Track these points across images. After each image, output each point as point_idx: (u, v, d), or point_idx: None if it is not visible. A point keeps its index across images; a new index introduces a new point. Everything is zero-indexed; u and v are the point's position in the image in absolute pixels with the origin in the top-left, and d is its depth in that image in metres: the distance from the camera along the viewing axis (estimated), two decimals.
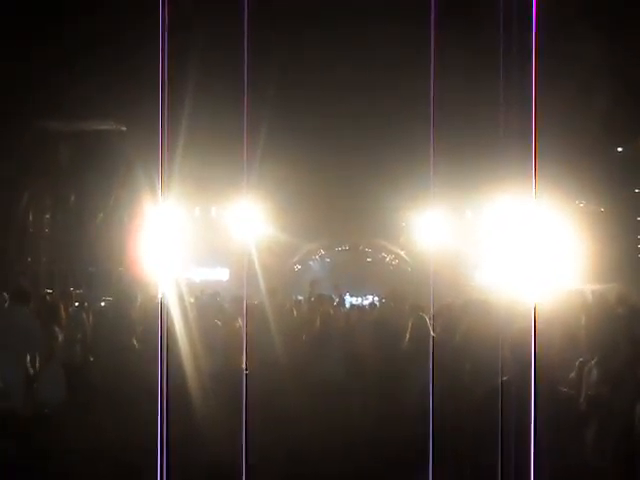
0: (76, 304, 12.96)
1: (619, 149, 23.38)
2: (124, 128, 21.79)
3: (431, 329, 8.14)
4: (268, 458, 6.44)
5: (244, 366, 8.30)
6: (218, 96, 14.53)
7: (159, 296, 10.23)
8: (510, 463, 3.96)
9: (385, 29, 15.26)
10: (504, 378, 4.42)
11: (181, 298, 9.18)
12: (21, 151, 20.59)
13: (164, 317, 8.16)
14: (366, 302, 24.52)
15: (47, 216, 23.40)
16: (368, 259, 34.91)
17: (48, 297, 9.75)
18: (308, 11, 15.07)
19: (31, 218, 22.88)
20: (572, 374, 5.99)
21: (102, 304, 14.97)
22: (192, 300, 11.91)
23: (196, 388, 7.93)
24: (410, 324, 8.36)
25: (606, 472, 4.45)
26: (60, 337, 8.03)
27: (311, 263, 34.75)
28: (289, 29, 15.28)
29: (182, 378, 7.92)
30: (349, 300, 25.42)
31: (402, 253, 30.65)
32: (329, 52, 16.08)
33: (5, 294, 9.64)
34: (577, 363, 6.04)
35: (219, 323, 9.62)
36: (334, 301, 13.04)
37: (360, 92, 17.56)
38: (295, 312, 11.53)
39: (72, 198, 22.80)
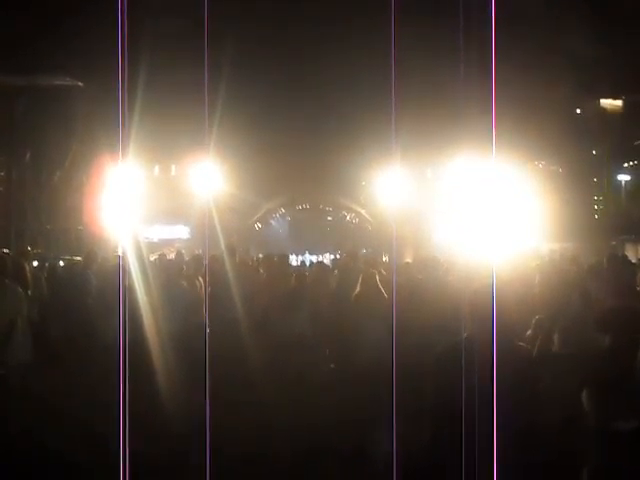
0: (35, 263, 12.84)
1: (578, 110, 23.61)
2: (81, 83, 21.41)
3: (388, 287, 8.23)
4: (229, 413, 6.50)
5: (206, 324, 8.34)
6: (178, 52, 14.33)
7: (119, 254, 10.21)
8: (473, 418, 4.06)
9: None
10: (465, 335, 4.50)
11: (140, 256, 9.12)
12: None
13: (124, 275, 8.15)
14: (326, 260, 24.65)
15: (2, 174, 22.99)
16: (329, 218, 35.03)
17: (8, 257, 9.62)
18: None
19: None
20: (529, 331, 6.12)
21: (61, 263, 14.84)
22: (153, 258, 11.89)
23: (157, 346, 7.94)
24: (360, 279, 8.42)
25: (564, 425, 4.60)
26: (24, 296, 7.95)
27: (272, 221, 34.77)
28: None
29: (142, 335, 7.92)
30: (309, 258, 25.54)
31: (363, 212, 30.79)
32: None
33: None
34: (534, 320, 6.17)
35: (183, 282, 9.61)
36: (294, 259, 13.10)
37: (322, 49, 17.45)
38: (256, 270, 11.54)
39: (28, 155, 22.41)
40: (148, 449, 5.77)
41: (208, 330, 7.06)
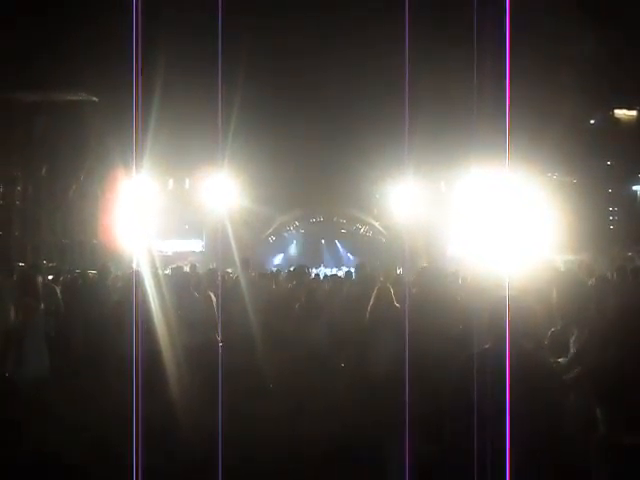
0: (50, 277, 12.88)
1: (592, 121, 23.55)
2: (96, 99, 21.56)
3: (400, 298, 8.22)
4: (244, 428, 6.50)
5: (219, 338, 8.35)
6: (192, 68, 14.42)
7: (133, 267, 10.25)
8: (486, 431, 4.05)
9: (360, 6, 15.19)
10: (486, 346, 4.48)
11: (154, 269, 9.16)
12: None
13: (138, 288, 8.18)
14: (340, 273, 24.63)
15: (18, 188, 23.14)
16: (342, 230, 35.01)
17: (23, 270, 9.68)
18: None
19: (1, 190, 22.63)
20: (545, 342, 6.09)
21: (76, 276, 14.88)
22: (167, 271, 11.91)
23: (171, 359, 7.95)
24: (375, 294, 8.42)
25: (579, 437, 4.57)
26: (39, 310, 8.00)
27: (285, 234, 34.79)
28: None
29: (157, 348, 7.94)
30: (323, 271, 25.53)
31: (376, 224, 30.77)
32: (303, 21, 15.98)
33: None
34: (549, 333, 6.13)
35: (196, 294, 9.63)
36: (309, 273, 13.08)
37: (337, 65, 17.50)
38: (271, 284, 11.55)
39: (44, 170, 22.56)
40: (161, 460, 5.78)
41: (221, 344, 7.07)
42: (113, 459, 5.77)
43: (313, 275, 15.09)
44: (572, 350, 5.66)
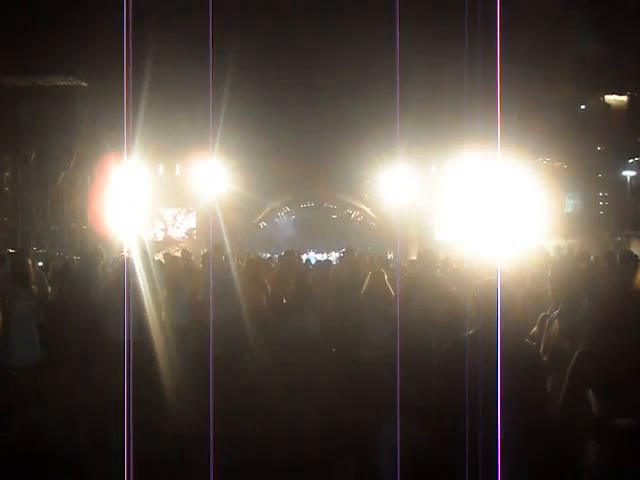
0: (40, 264, 12.86)
1: (582, 107, 23.57)
2: (85, 83, 21.43)
3: (396, 286, 8.24)
4: (235, 411, 6.51)
5: (211, 321, 8.34)
6: (182, 52, 14.34)
7: (124, 253, 10.23)
8: (477, 416, 4.06)
9: None
10: (470, 332, 4.49)
11: (145, 255, 9.14)
12: None
13: (129, 274, 8.17)
14: (331, 258, 24.69)
15: (7, 174, 23.01)
16: (333, 215, 35.01)
17: (15, 257, 9.64)
18: None
19: None
20: (535, 328, 6.12)
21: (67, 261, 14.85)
22: (158, 257, 11.90)
23: (162, 342, 7.96)
24: (368, 278, 8.43)
25: (567, 422, 4.59)
26: (30, 296, 7.99)
27: (276, 220, 34.78)
28: None
29: (148, 333, 7.95)
30: (314, 256, 25.58)
31: (367, 209, 30.76)
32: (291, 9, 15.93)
33: None
34: (539, 318, 6.16)
35: (187, 277, 9.64)
36: (300, 258, 13.07)
37: (325, 50, 17.43)
38: (262, 269, 11.54)
39: (33, 156, 22.43)
40: (152, 450, 5.78)
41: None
42: (104, 447, 5.78)
43: (304, 260, 15.09)
44: (561, 334, 5.69)
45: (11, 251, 12.66)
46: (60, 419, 6.58)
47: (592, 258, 11.98)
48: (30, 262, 8.55)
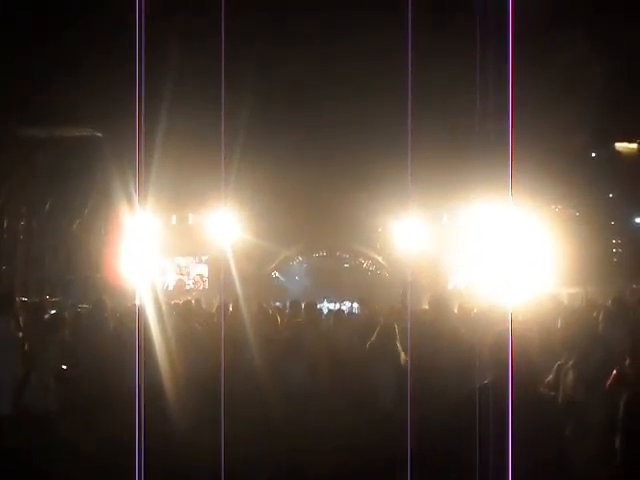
0: (52, 312, 12.84)
1: (593, 154, 23.61)
2: (100, 134, 21.67)
3: (404, 333, 8.19)
4: (247, 458, 6.45)
5: (222, 369, 8.30)
6: (195, 102, 14.50)
7: (136, 302, 10.23)
8: (488, 465, 3.99)
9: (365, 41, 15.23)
10: (485, 382, 4.44)
11: (157, 304, 9.15)
12: None
13: (141, 323, 8.16)
14: (344, 307, 24.55)
15: (22, 223, 23.18)
16: (345, 265, 34.92)
17: (27, 305, 9.66)
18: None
19: (6, 225, 22.67)
20: (550, 377, 6.05)
21: (79, 311, 14.86)
22: (170, 305, 11.88)
23: (174, 391, 7.92)
24: (377, 330, 8.39)
25: (584, 472, 4.50)
26: (44, 344, 8.00)
27: (289, 269, 34.70)
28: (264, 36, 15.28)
29: (160, 382, 7.91)
30: (327, 306, 25.42)
31: (379, 258, 30.70)
32: (305, 54, 16.07)
33: None
34: (555, 366, 6.09)
35: (198, 327, 9.61)
36: (312, 308, 13.00)
37: (337, 100, 17.57)
38: (274, 319, 11.49)
39: (47, 205, 22.61)
40: None
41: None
42: None
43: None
44: (577, 384, 5.62)
45: (24, 299, 12.70)
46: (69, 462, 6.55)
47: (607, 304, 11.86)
48: (45, 311, 8.56)
